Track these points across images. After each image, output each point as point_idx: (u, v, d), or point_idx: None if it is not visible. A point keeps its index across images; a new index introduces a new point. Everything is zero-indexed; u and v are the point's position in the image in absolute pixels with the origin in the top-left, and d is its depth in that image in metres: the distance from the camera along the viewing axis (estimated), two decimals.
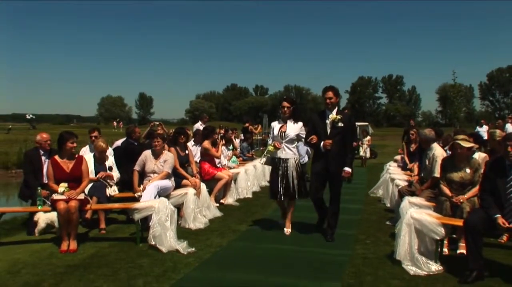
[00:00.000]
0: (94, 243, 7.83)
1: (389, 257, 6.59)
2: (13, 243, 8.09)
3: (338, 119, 7.52)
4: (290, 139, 8.07)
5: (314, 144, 7.62)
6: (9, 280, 6.08)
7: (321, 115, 7.87)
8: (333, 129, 7.60)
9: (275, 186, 8.14)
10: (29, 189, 8.75)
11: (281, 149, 8.04)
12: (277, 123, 8.32)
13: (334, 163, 7.59)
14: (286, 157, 8.08)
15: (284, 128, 8.12)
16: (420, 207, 6.86)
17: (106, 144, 9.46)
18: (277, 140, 8.10)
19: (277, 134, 8.13)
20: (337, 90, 7.84)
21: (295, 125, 8.14)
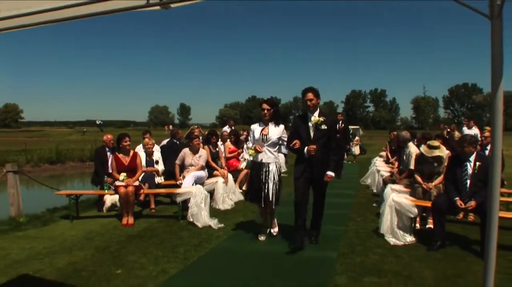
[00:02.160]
0: (146, 219, 8.01)
1: (374, 231, 6.64)
2: (87, 217, 8.37)
3: (321, 122, 5.83)
4: (272, 142, 6.34)
5: (297, 148, 5.86)
6: (86, 244, 6.35)
7: (303, 118, 6.06)
8: (316, 132, 5.87)
9: (254, 190, 6.40)
10: (98, 177, 9.02)
11: (263, 153, 6.30)
12: (257, 126, 6.53)
13: (319, 167, 5.85)
14: (267, 161, 6.33)
15: (266, 131, 6.39)
16: (399, 192, 6.89)
17: (152, 141, 9.69)
18: (258, 143, 6.34)
19: (259, 137, 6.38)
20: (317, 91, 5.96)
21: (277, 128, 6.40)
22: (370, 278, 4.73)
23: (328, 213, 8.03)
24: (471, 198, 5.76)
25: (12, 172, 8.70)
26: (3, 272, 5.19)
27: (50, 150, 26.32)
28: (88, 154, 24.77)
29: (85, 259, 5.61)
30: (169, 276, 4.90)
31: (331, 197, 9.88)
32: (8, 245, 6.41)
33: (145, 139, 9.52)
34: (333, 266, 5.15)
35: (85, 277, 4.90)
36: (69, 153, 26.72)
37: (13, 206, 8.50)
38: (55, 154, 25.52)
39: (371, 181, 11.84)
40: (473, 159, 5.94)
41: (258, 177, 6.34)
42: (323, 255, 5.59)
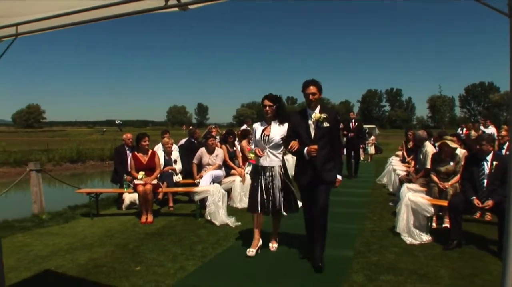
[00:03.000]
0: (165, 217, 8.06)
1: (391, 230, 6.58)
2: (107, 215, 8.49)
3: (323, 119, 5.00)
4: (275, 144, 5.53)
5: (296, 150, 5.09)
6: (106, 241, 6.43)
7: (302, 115, 5.21)
8: (317, 130, 5.05)
9: (256, 198, 5.57)
10: (117, 175, 9.12)
11: (265, 156, 5.54)
12: (259, 125, 5.77)
13: (322, 170, 5.05)
14: (270, 165, 5.55)
15: (267, 131, 5.59)
16: (415, 191, 6.84)
17: (171, 141, 9.76)
18: (259, 145, 5.60)
19: (260, 139, 5.60)
20: (320, 84, 5.14)
21: (281, 127, 5.57)
22: (386, 276, 4.70)
23: (344, 211, 8.06)
24: (488, 197, 5.69)
25: (35, 170, 8.85)
26: (27, 267, 5.29)
27: (71, 149, 26.74)
28: (108, 153, 25.14)
29: (105, 255, 5.68)
30: (187, 273, 4.94)
31: (347, 195, 9.92)
32: (32, 241, 6.54)
33: (165, 138, 9.60)
34: (350, 264, 5.13)
35: (105, 273, 4.97)
36: (89, 152, 27.15)
37: (36, 204, 8.66)
38: (76, 153, 25.96)
39: (387, 180, 11.74)
40: (490, 158, 5.87)
41: (259, 183, 5.58)
42: (339, 253, 5.57)
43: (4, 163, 21.78)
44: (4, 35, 3.53)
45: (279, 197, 5.57)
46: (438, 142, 7.92)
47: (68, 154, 25.84)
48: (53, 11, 3.08)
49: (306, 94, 5.12)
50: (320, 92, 5.13)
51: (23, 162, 21.51)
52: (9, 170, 20.84)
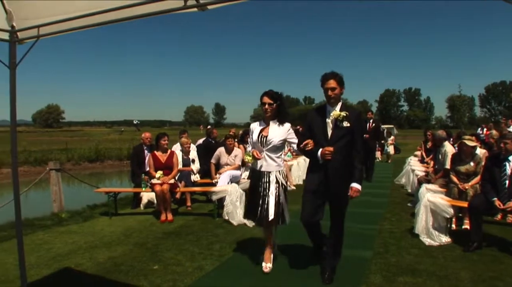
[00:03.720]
0: (182, 217, 8.11)
1: (409, 231, 6.52)
2: (126, 214, 8.59)
3: (343, 117, 4.36)
4: (273, 146, 4.91)
5: (309, 151, 4.42)
6: (124, 240, 6.51)
7: (320, 112, 4.58)
8: (335, 130, 4.40)
9: (252, 206, 5.00)
10: (135, 175, 9.20)
11: (261, 160, 4.92)
12: (256, 125, 5.17)
13: (336, 177, 4.40)
14: (267, 170, 4.92)
15: (265, 132, 4.98)
16: (434, 192, 6.78)
17: (189, 140, 9.80)
18: (256, 148, 5.01)
19: (257, 140, 4.99)
20: (341, 78, 4.47)
21: (281, 128, 4.98)
22: (404, 278, 4.66)
23: (362, 211, 8.02)
24: (510, 199, 5.60)
25: (55, 169, 8.99)
26: (47, 264, 5.39)
27: (89, 149, 27.18)
28: (126, 152, 25.44)
29: (124, 254, 5.74)
30: (205, 272, 4.96)
31: (365, 195, 9.76)
32: (52, 239, 6.65)
33: (183, 138, 9.64)
34: (368, 265, 5.10)
35: (124, 271, 5.02)
36: (107, 151, 27.53)
37: (56, 202, 8.80)
38: (94, 153, 26.38)
39: (405, 180, 11.65)
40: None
41: (256, 189, 4.97)
42: (357, 254, 5.54)
43: (24, 162, 22.14)
44: (26, 36, 3.59)
45: (273, 207, 4.83)
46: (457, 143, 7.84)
47: (87, 154, 26.26)
48: (74, 12, 3.13)
49: (325, 90, 4.45)
50: (341, 86, 4.45)
51: (43, 161, 21.89)
52: (29, 169, 21.19)
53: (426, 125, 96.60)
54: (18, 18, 3.50)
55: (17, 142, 3.95)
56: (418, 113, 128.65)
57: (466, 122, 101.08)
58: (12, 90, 3.70)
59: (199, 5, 2.61)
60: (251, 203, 5.04)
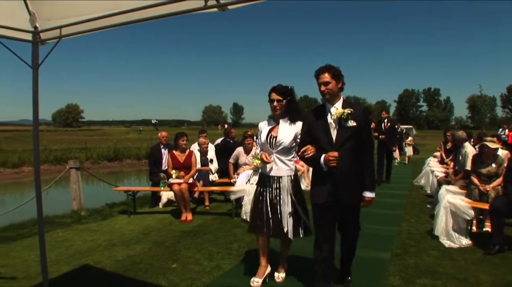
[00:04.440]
0: (200, 216, 8.16)
1: (429, 233, 6.47)
2: (145, 213, 8.67)
3: (347, 115, 3.71)
4: (284, 148, 4.37)
5: (310, 158, 3.80)
6: (143, 238, 6.59)
7: (320, 111, 3.93)
8: (340, 132, 3.76)
9: (258, 215, 4.46)
10: (153, 174, 9.29)
11: (271, 163, 4.39)
12: (265, 124, 4.60)
13: (345, 186, 3.78)
14: (277, 174, 4.40)
15: (275, 132, 4.44)
16: (454, 193, 6.69)
17: (207, 140, 9.84)
18: (265, 150, 4.46)
19: (265, 141, 4.45)
20: (337, 71, 3.83)
21: (292, 126, 4.40)
22: (424, 280, 4.62)
23: (381, 212, 7.97)
24: None
25: (75, 168, 9.11)
26: (67, 261, 5.48)
27: (108, 148, 27.51)
28: (144, 152, 25.65)
29: (142, 252, 5.80)
30: (223, 271, 4.99)
31: (383, 196, 9.80)
32: (71, 237, 6.76)
33: (201, 138, 9.68)
34: (386, 266, 5.07)
35: (143, 269, 5.08)
36: (126, 151, 27.82)
37: (75, 200, 8.92)
38: (113, 152, 26.69)
39: (424, 181, 11.54)
40: None
41: (265, 196, 4.46)
42: (375, 255, 5.51)
43: (45, 160, 22.47)
44: (49, 37, 3.65)
45: (287, 216, 4.38)
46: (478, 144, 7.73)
47: (106, 153, 26.59)
48: (96, 13, 3.17)
49: (318, 85, 3.86)
50: (337, 80, 3.82)
51: (63, 159, 22.22)
52: (49, 168, 21.49)
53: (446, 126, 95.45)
54: (41, 19, 3.56)
55: (39, 141, 4.02)
56: (438, 114, 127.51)
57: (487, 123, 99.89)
58: (35, 90, 3.76)
59: (219, 5, 2.63)
60: (259, 212, 4.45)
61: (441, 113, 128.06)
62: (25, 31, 3.62)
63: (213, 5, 2.63)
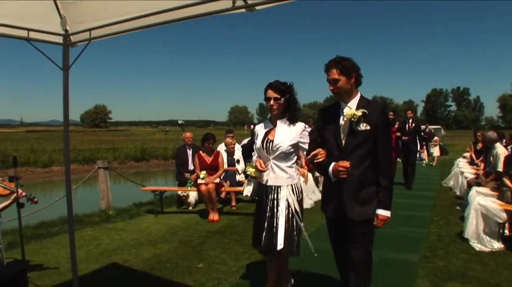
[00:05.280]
0: (227, 216, 8.21)
1: (458, 236, 6.34)
2: (171, 212, 8.76)
3: (359, 118, 3.10)
4: (282, 153, 3.72)
5: (319, 164, 3.23)
6: (170, 238, 6.67)
7: (333, 110, 3.36)
8: (351, 136, 3.17)
9: (258, 229, 3.88)
10: (180, 174, 9.38)
11: (268, 171, 3.78)
12: (261, 127, 3.98)
13: (353, 201, 3.19)
14: (276, 184, 3.77)
15: (271, 135, 3.82)
16: (485, 195, 6.56)
17: (234, 141, 9.87)
18: (261, 156, 3.87)
19: (261, 146, 3.85)
20: (347, 65, 3.16)
21: (291, 128, 3.77)
22: (453, 284, 4.54)
23: (409, 214, 7.90)
24: None
25: (103, 168, 9.26)
26: (96, 259, 5.59)
27: (135, 148, 27.88)
28: (171, 152, 25.93)
29: (169, 252, 5.86)
30: (249, 272, 5.00)
31: (411, 198, 9.70)
32: (100, 235, 6.88)
33: (228, 139, 9.72)
34: (414, 269, 5.01)
35: (169, 268, 5.14)
36: (153, 151, 28.18)
37: (104, 200, 9.07)
38: (140, 152, 27.03)
39: (453, 182, 11.35)
40: None
41: (262, 208, 3.88)
42: (403, 257, 5.45)
43: (73, 160, 22.92)
44: (79, 40, 3.73)
45: (281, 233, 3.70)
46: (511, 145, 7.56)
47: (133, 153, 26.97)
48: (124, 15, 3.23)
49: (328, 82, 3.28)
50: (347, 76, 3.18)
51: (91, 159, 22.65)
52: (78, 167, 21.90)
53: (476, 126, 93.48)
54: (71, 22, 3.64)
55: (69, 141, 4.10)
56: (467, 114, 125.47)
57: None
58: (65, 91, 3.85)
59: (247, 5, 2.64)
60: (257, 226, 3.91)
61: (470, 113, 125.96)
62: (56, 34, 3.72)
63: (241, 6, 2.65)
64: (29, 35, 3.48)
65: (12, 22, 3.32)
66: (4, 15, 3.25)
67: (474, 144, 11.88)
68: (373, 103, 3.28)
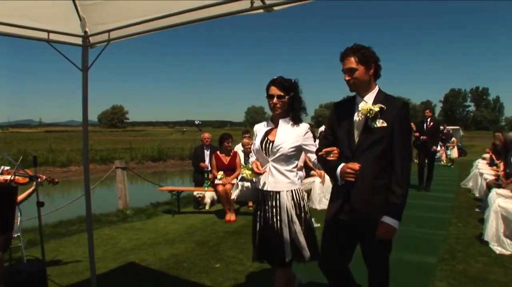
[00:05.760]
0: (244, 216, 8.18)
1: (477, 238, 6.24)
2: (188, 212, 8.80)
3: (376, 113, 2.79)
4: (283, 155, 3.37)
5: (329, 163, 2.96)
6: (187, 238, 6.71)
7: (348, 105, 3.02)
8: (365, 133, 2.85)
9: (256, 240, 3.60)
10: (197, 174, 9.43)
11: (266, 174, 3.42)
12: (262, 126, 3.64)
13: (364, 205, 2.85)
14: (275, 189, 3.40)
15: (272, 135, 3.48)
16: (506, 197, 6.48)
17: (251, 141, 9.88)
18: (260, 157, 3.51)
19: (259, 147, 3.48)
20: (366, 52, 2.85)
21: (295, 129, 3.44)
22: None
23: (427, 215, 7.83)
24: None
25: (121, 168, 9.35)
26: (113, 258, 5.65)
27: (152, 149, 28.10)
28: (188, 152, 26.11)
29: (186, 251, 5.90)
30: (266, 272, 4.98)
31: (429, 199, 9.60)
32: (117, 235, 6.95)
33: (245, 139, 9.72)
34: (433, 271, 4.95)
35: (186, 268, 5.16)
36: (170, 151, 28.41)
37: (121, 199, 9.16)
38: (157, 152, 27.25)
39: (472, 184, 11.21)
40: None
41: (260, 217, 3.53)
42: (421, 259, 5.40)
43: (91, 160, 23.16)
44: (98, 41, 3.78)
45: (287, 243, 3.37)
46: None
47: (150, 153, 27.23)
48: (143, 16, 3.26)
49: (343, 72, 2.94)
50: (366, 65, 2.86)
51: (108, 159, 22.89)
52: (95, 167, 22.15)
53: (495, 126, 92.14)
54: (90, 24, 3.69)
55: (88, 141, 4.15)
56: (486, 114, 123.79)
57: None
58: (84, 92, 3.90)
59: (265, 6, 2.65)
60: (259, 238, 3.56)
61: (490, 114, 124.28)
62: (75, 35, 3.77)
63: (259, 6, 2.66)
64: (49, 37, 3.53)
65: (33, 24, 3.38)
66: (25, 17, 3.31)
67: (494, 144, 11.71)
68: (393, 99, 2.92)
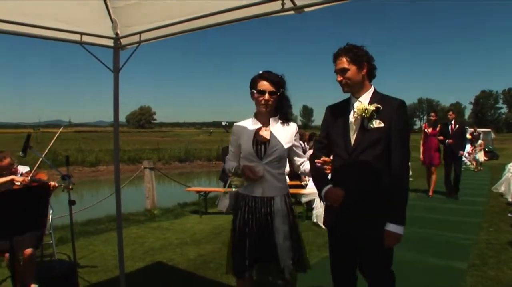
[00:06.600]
0: None
1: (510, 244, 6.10)
2: (215, 213, 8.81)
3: (372, 113, 2.65)
4: (277, 158, 3.11)
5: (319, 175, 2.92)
6: (214, 238, 6.78)
7: (342, 106, 2.89)
8: (361, 135, 2.70)
9: (241, 254, 3.17)
10: (224, 175, 9.48)
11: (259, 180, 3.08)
12: (248, 124, 3.24)
13: (359, 213, 2.68)
14: (269, 195, 3.10)
15: (265, 135, 3.15)
16: None
17: None
18: (249, 161, 3.13)
19: (251, 149, 3.10)
20: (358, 51, 2.70)
21: (286, 129, 3.19)
22: None
23: (457, 220, 7.71)
24: None
25: (149, 168, 9.47)
26: (141, 257, 5.74)
27: (179, 149, 28.42)
28: (215, 153, 26.33)
29: (213, 252, 5.94)
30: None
31: (459, 203, 9.40)
32: (145, 234, 7.05)
33: None
34: (463, 277, 4.86)
35: (213, 269, 5.20)
36: (197, 152, 28.67)
37: (149, 199, 9.28)
38: (184, 153, 27.54)
39: (505, 188, 10.94)
40: None
41: (251, 227, 3.16)
42: (452, 264, 5.31)
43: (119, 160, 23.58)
44: (129, 43, 3.84)
45: (284, 251, 3.13)
46: None
47: (177, 154, 27.54)
48: (174, 18, 3.30)
49: (336, 73, 2.81)
50: (358, 64, 2.73)
51: (136, 159, 23.24)
52: (123, 167, 22.47)
53: None
54: (122, 26, 3.75)
55: (119, 141, 4.22)
56: None
57: None
58: (115, 93, 3.96)
59: (296, 8, 2.65)
60: (241, 250, 3.19)
61: None
62: (107, 37, 3.84)
63: (289, 8, 2.66)
64: (82, 39, 3.61)
65: (66, 27, 3.46)
66: (59, 20, 3.39)
67: None
68: (389, 98, 2.77)
